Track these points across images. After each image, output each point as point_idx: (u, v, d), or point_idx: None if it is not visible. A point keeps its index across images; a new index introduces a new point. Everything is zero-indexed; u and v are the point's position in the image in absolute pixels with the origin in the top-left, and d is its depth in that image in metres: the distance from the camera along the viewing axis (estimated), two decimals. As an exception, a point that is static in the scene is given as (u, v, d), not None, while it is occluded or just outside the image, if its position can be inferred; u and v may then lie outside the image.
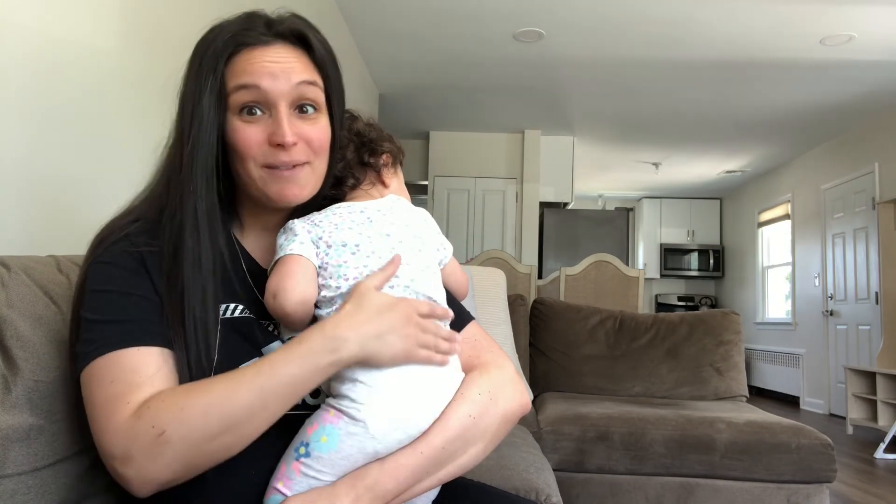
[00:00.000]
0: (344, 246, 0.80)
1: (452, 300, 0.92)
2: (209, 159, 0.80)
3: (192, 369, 0.74)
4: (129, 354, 0.72)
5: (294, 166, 0.82)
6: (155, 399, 0.69)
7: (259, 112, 0.81)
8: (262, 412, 0.70)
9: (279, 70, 0.81)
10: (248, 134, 0.81)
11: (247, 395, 0.69)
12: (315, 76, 0.85)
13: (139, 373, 0.71)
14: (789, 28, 3.83)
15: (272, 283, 0.78)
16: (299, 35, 0.85)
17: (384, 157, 0.92)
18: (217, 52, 0.80)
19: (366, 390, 0.74)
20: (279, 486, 0.72)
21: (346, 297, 0.77)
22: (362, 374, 0.74)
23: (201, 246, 0.79)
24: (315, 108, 0.84)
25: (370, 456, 0.73)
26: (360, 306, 0.75)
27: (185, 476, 0.70)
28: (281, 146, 0.80)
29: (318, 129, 0.84)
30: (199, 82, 0.80)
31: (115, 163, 1.57)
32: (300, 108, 0.83)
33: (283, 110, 0.81)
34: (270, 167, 0.82)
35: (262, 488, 0.74)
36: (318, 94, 0.85)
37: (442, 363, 0.79)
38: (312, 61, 0.85)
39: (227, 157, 0.83)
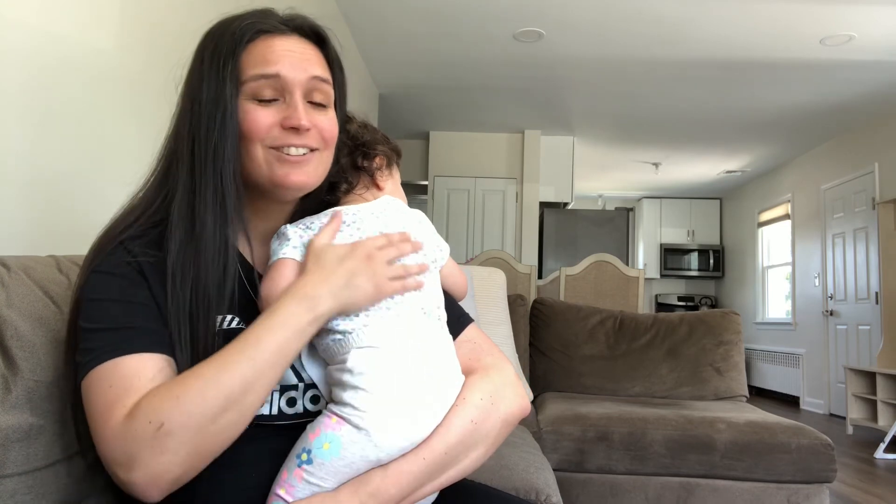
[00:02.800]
0: None
1: (451, 302, 0.91)
2: (235, 147, 0.79)
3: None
4: (128, 361, 0.71)
5: (304, 152, 0.82)
6: (147, 396, 0.68)
7: (273, 97, 0.81)
8: (257, 382, 0.70)
9: (298, 60, 0.81)
10: (260, 116, 0.80)
11: (239, 369, 0.69)
12: (328, 74, 0.85)
13: (139, 377, 0.70)
14: (789, 28, 3.83)
15: (265, 288, 0.78)
16: (317, 32, 0.86)
17: (377, 159, 0.91)
18: (235, 37, 0.80)
19: (368, 398, 0.73)
20: (281, 492, 0.72)
21: (304, 259, 0.78)
22: (364, 381, 0.74)
23: (228, 237, 0.79)
24: (324, 104, 0.85)
25: (373, 463, 0.73)
26: (319, 262, 0.76)
27: (194, 468, 0.68)
28: (295, 129, 0.80)
29: (329, 119, 0.85)
30: (217, 69, 0.79)
31: (115, 162, 1.57)
32: (311, 101, 0.83)
33: (299, 96, 0.81)
34: (278, 150, 0.81)
35: (264, 493, 0.74)
36: (330, 91, 0.85)
37: (417, 287, 0.80)
38: (326, 59, 0.86)
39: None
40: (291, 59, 0.81)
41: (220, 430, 0.68)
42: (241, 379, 0.69)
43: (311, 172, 0.83)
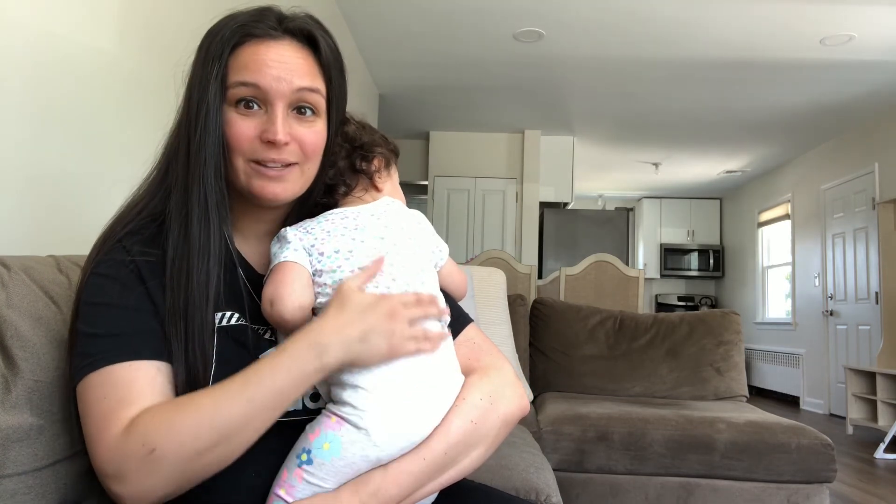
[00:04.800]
0: (337, 252, 0.79)
1: (450, 301, 0.91)
2: (217, 147, 0.79)
3: (189, 377, 0.74)
4: (122, 369, 0.72)
5: (283, 166, 0.82)
6: (144, 415, 0.69)
7: (256, 107, 0.80)
8: (252, 422, 0.70)
9: (283, 71, 0.80)
10: (241, 128, 0.80)
11: (236, 407, 0.69)
12: (318, 82, 0.84)
13: (131, 388, 0.71)
14: (789, 28, 3.83)
15: (268, 291, 0.78)
16: (308, 35, 0.84)
17: (376, 161, 0.90)
18: (224, 40, 0.80)
19: (367, 396, 0.73)
20: (281, 492, 0.72)
21: (331, 297, 0.76)
22: (363, 380, 0.74)
23: (210, 235, 0.79)
24: (313, 112, 0.84)
25: (373, 463, 0.73)
26: (342, 309, 0.74)
27: (181, 489, 0.69)
28: (272, 143, 0.80)
29: (314, 132, 0.84)
30: (206, 69, 0.79)
31: (115, 162, 1.57)
32: (298, 108, 0.83)
33: (280, 109, 0.80)
34: (257, 163, 0.81)
35: (263, 492, 0.74)
36: (319, 100, 0.84)
37: (433, 349, 0.78)
38: (318, 63, 0.85)
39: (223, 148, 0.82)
40: (275, 70, 0.80)
41: (209, 462, 0.69)
42: (236, 417, 0.69)
43: (287, 186, 0.83)
